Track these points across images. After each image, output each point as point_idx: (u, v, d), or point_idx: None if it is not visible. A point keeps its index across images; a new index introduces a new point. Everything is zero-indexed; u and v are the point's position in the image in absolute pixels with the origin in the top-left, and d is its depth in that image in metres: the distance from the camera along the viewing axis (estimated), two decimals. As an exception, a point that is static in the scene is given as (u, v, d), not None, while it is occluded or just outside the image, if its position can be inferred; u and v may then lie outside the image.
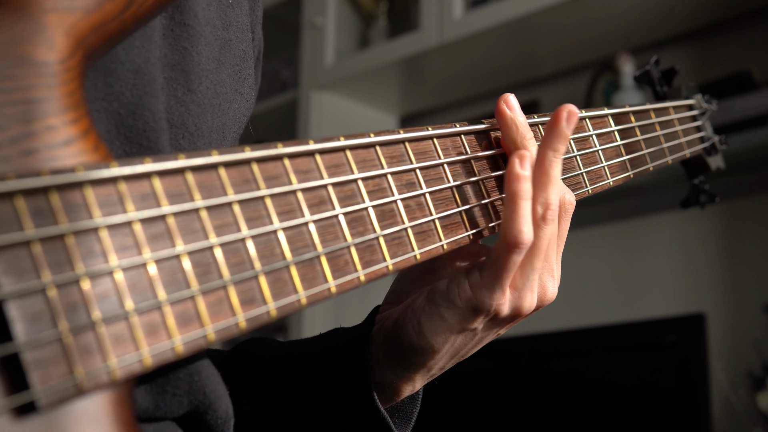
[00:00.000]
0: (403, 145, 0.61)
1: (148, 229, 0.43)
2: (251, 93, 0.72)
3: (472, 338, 0.68)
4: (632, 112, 0.88)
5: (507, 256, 0.64)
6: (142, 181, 0.44)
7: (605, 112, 0.83)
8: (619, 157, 0.84)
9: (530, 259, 0.66)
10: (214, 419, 0.60)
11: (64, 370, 0.39)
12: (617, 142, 0.84)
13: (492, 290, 0.65)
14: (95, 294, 0.41)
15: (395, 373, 0.70)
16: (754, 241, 2.22)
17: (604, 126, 0.83)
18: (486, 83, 2.70)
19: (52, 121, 0.43)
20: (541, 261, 0.67)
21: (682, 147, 0.99)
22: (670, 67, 1.09)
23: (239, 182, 0.48)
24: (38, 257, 0.39)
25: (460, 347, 0.69)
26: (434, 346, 0.67)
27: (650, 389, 1.97)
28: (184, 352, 0.43)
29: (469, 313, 0.65)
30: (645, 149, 0.89)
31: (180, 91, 0.60)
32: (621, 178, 0.83)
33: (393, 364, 0.70)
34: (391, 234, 0.57)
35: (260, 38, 0.78)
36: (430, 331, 0.66)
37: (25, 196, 0.39)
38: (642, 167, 0.87)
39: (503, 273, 0.64)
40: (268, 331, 3.00)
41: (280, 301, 0.48)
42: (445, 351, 0.68)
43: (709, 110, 1.06)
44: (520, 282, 0.66)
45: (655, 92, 1.07)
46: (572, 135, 0.77)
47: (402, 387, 0.71)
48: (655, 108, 0.94)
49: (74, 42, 0.46)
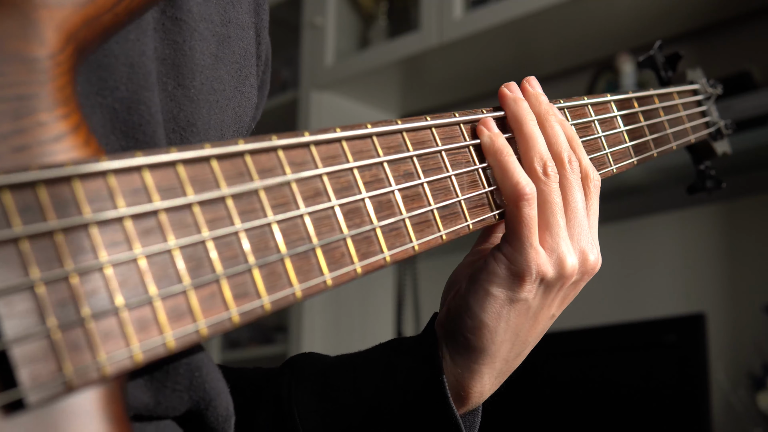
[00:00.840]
0: (400, 134, 0.61)
1: (139, 224, 0.43)
2: (253, 92, 0.71)
3: (526, 312, 0.68)
4: (635, 98, 0.87)
5: (517, 212, 0.66)
6: (132, 175, 0.43)
7: (608, 98, 0.82)
8: (623, 144, 0.82)
9: (549, 215, 0.68)
10: (215, 416, 0.60)
11: (53, 367, 0.39)
12: (620, 129, 0.83)
13: (522, 250, 0.66)
14: (85, 290, 0.40)
15: (461, 366, 0.70)
16: (754, 241, 2.22)
17: (607, 112, 0.82)
18: (486, 83, 2.70)
19: (43, 117, 0.43)
20: (563, 217, 0.68)
21: (687, 132, 0.97)
22: (674, 51, 1.07)
23: (233, 175, 0.48)
24: (26, 254, 0.38)
25: (517, 326, 0.69)
26: (488, 323, 0.68)
27: (650, 389, 1.97)
28: (176, 347, 0.43)
29: (512, 280, 0.67)
30: (649, 135, 0.87)
31: (170, 85, 0.60)
32: (624, 165, 0.82)
33: (456, 357, 0.70)
34: (388, 225, 0.57)
35: (268, 43, 0.77)
36: (480, 309, 0.67)
37: (13, 191, 0.39)
38: (646, 153, 0.86)
39: (522, 229, 0.66)
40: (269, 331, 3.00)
41: (274, 295, 0.47)
42: (502, 330, 0.68)
43: (713, 94, 1.05)
44: (550, 239, 0.68)
45: (659, 77, 1.06)
46: (574, 121, 0.77)
47: (470, 384, 0.70)
48: (659, 93, 0.93)
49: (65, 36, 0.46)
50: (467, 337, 0.69)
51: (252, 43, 0.71)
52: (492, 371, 0.71)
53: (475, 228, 0.65)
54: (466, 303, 0.68)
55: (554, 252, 0.68)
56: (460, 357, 0.70)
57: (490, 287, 0.67)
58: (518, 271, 0.66)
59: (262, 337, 3.00)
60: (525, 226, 0.66)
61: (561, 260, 0.68)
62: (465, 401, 0.72)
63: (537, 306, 0.69)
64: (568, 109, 0.77)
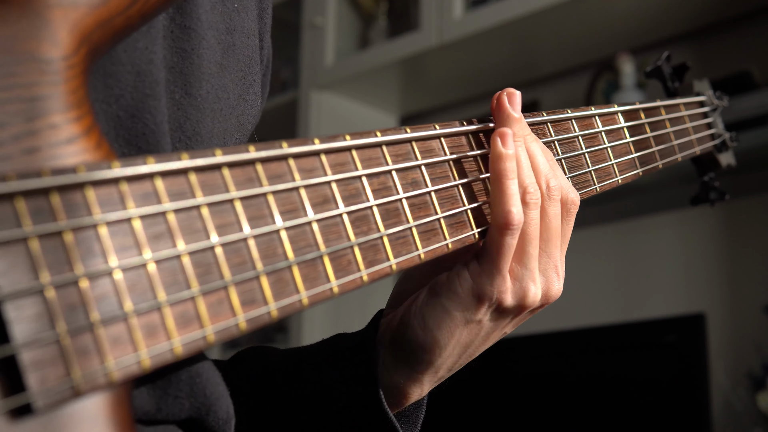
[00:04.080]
0: (409, 144, 0.61)
1: (149, 229, 0.43)
2: (256, 100, 0.71)
3: (477, 332, 0.68)
4: (642, 109, 0.87)
5: (500, 238, 0.64)
6: (144, 181, 0.43)
7: (615, 109, 0.82)
8: (628, 155, 0.82)
9: (524, 245, 0.66)
10: (215, 420, 0.60)
11: (61, 372, 0.39)
12: (626, 139, 0.83)
13: (491, 276, 0.65)
14: (94, 295, 0.40)
15: (403, 375, 0.69)
16: (754, 241, 2.22)
17: (614, 123, 0.82)
18: (486, 83, 2.70)
19: (55, 119, 0.43)
20: (536, 248, 0.66)
21: (692, 144, 0.97)
22: (681, 62, 1.07)
23: (242, 181, 0.48)
24: (37, 257, 0.38)
25: (467, 343, 0.68)
26: (440, 340, 0.67)
27: (650, 389, 1.97)
28: (183, 354, 0.43)
29: (472, 302, 0.65)
30: (655, 147, 0.87)
31: (177, 93, 0.60)
32: (630, 176, 0.82)
33: (400, 364, 0.69)
34: (395, 233, 0.57)
35: (269, 46, 0.77)
36: (435, 325, 0.66)
37: (26, 197, 0.39)
38: (651, 165, 0.86)
39: (499, 257, 0.64)
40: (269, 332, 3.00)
41: (281, 302, 0.47)
42: (452, 347, 0.67)
43: (720, 106, 1.05)
44: (519, 270, 0.66)
45: (666, 88, 1.06)
46: (582, 132, 0.77)
47: (410, 389, 0.70)
48: (666, 105, 0.93)
49: (79, 38, 0.45)
50: (415, 349, 0.68)
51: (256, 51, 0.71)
52: (433, 379, 0.71)
53: (480, 238, 0.65)
54: (422, 315, 0.67)
55: (519, 282, 0.66)
56: (402, 365, 0.69)
57: (450, 306, 0.66)
58: (479, 293, 0.65)
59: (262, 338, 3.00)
60: (502, 255, 0.64)
61: (524, 291, 0.66)
62: (402, 403, 0.72)
63: (490, 328, 0.68)
64: (576, 120, 0.77)
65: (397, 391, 0.70)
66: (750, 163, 2.11)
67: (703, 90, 1.05)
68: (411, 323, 0.68)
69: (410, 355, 0.68)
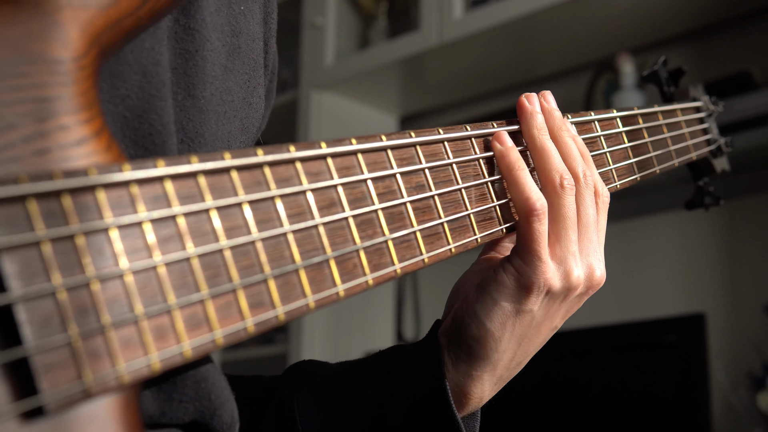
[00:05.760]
0: (414, 148, 0.61)
1: (159, 232, 0.43)
2: (261, 103, 0.71)
3: (530, 323, 0.69)
4: (640, 114, 0.88)
5: (527, 226, 0.67)
6: (154, 184, 0.43)
7: (614, 115, 0.83)
8: (627, 160, 0.83)
9: (562, 228, 0.69)
10: (219, 424, 0.60)
11: (72, 375, 0.39)
12: (625, 144, 0.84)
13: (531, 263, 0.67)
14: (105, 297, 0.40)
15: (463, 373, 0.71)
16: (754, 241, 2.22)
17: (612, 127, 0.82)
18: (486, 83, 2.70)
19: (65, 120, 0.43)
20: (575, 231, 0.69)
21: (689, 149, 0.98)
22: (677, 67, 1.08)
23: (250, 184, 0.48)
24: (48, 259, 0.39)
25: (521, 335, 0.70)
26: (494, 332, 0.69)
27: (650, 389, 1.97)
28: (192, 356, 0.43)
29: (520, 291, 0.68)
30: (652, 152, 0.88)
31: (180, 95, 0.60)
32: (628, 181, 0.82)
33: (459, 363, 0.71)
34: (400, 237, 0.57)
35: (275, 51, 0.77)
36: (487, 318, 0.68)
37: (38, 199, 0.39)
38: (649, 170, 0.87)
39: (533, 243, 0.67)
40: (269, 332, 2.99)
41: (288, 305, 0.48)
42: (506, 340, 0.69)
43: (715, 112, 1.06)
44: (560, 251, 0.69)
45: (663, 93, 1.07)
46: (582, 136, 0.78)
47: (471, 388, 0.71)
48: (663, 110, 0.94)
49: (89, 39, 0.45)
50: (471, 344, 0.70)
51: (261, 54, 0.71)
52: (492, 378, 0.72)
53: (483, 242, 0.66)
54: (473, 311, 0.69)
55: (562, 264, 0.69)
56: (462, 363, 0.71)
57: (499, 297, 0.68)
58: (527, 283, 0.67)
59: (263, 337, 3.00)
60: (535, 241, 0.67)
61: (568, 273, 0.69)
62: (464, 405, 0.72)
63: (541, 317, 0.70)
64: (576, 125, 0.77)
65: (458, 390, 0.71)
66: (750, 163, 2.11)
67: (698, 95, 1.06)
68: (464, 320, 0.70)
69: (467, 352, 0.70)
